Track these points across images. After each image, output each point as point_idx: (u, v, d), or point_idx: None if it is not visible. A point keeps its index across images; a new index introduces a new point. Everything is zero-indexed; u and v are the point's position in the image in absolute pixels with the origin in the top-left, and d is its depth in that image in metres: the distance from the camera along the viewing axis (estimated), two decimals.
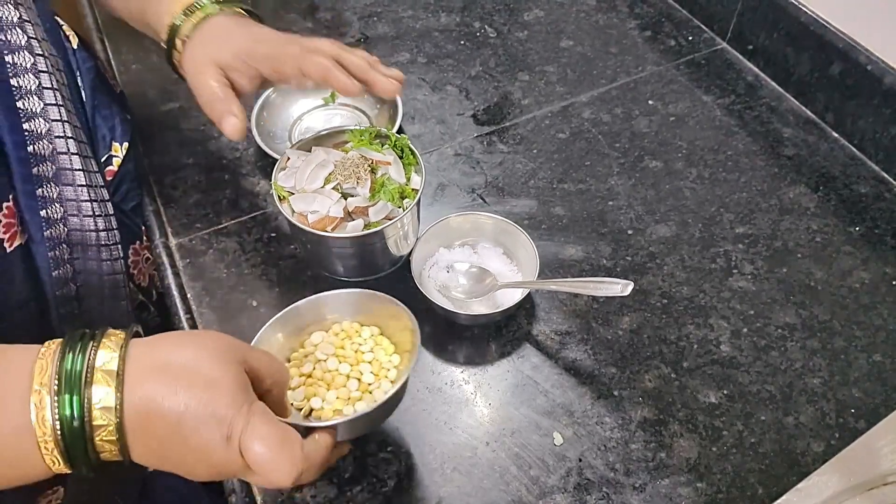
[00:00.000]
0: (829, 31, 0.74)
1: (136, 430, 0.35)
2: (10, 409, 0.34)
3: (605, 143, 0.77)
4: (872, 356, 0.60)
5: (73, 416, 0.33)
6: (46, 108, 0.51)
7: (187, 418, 0.35)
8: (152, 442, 0.36)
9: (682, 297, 0.64)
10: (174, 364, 0.36)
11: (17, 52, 0.48)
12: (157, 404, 0.35)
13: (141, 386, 0.35)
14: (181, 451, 0.36)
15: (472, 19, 0.93)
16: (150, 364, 0.36)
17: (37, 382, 0.34)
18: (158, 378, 0.35)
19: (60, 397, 0.33)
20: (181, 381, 0.35)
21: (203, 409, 0.35)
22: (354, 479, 0.53)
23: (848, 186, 0.72)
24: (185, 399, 0.35)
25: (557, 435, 0.55)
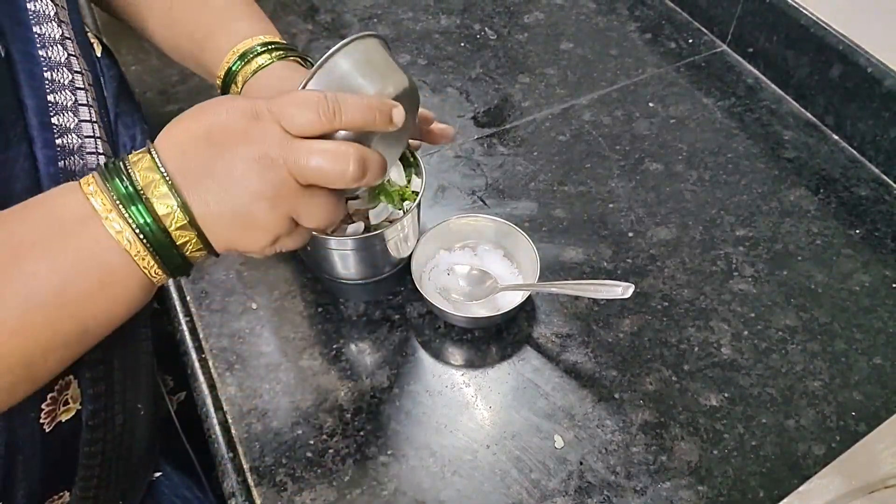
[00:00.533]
0: (830, 34, 0.74)
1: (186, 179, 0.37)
2: (91, 238, 0.36)
3: (605, 145, 0.77)
4: (873, 359, 0.60)
5: (146, 221, 0.36)
6: (80, 124, 0.51)
7: (209, 119, 0.37)
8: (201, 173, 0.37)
9: (683, 299, 0.64)
10: (188, 112, 0.39)
11: (56, 68, 0.49)
12: (184, 132, 0.38)
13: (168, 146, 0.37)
14: (226, 163, 0.37)
15: (473, 21, 0.93)
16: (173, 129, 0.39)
17: (102, 211, 0.36)
18: (179, 125, 0.38)
19: (129, 211, 0.36)
20: (193, 113, 0.38)
21: (219, 106, 0.38)
22: (354, 483, 0.53)
23: (848, 189, 0.72)
24: (200, 116, 0.38)
25: (558, 438, 0.55)
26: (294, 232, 0.40)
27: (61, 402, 0.49)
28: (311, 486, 0.53)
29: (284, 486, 0.53)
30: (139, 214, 0.36)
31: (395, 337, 0.61)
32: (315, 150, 0.38)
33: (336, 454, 0.54)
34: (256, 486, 0.53)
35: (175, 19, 0.61)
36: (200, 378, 0.59)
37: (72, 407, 0.50)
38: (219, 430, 0.56)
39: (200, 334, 0.61)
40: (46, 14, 0.48)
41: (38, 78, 0.48)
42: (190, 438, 0.69)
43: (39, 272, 0.36)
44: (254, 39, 0.58)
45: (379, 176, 0.40)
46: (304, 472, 0.53)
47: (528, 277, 0.61)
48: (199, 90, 0.83)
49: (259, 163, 0.37)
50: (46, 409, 0.48)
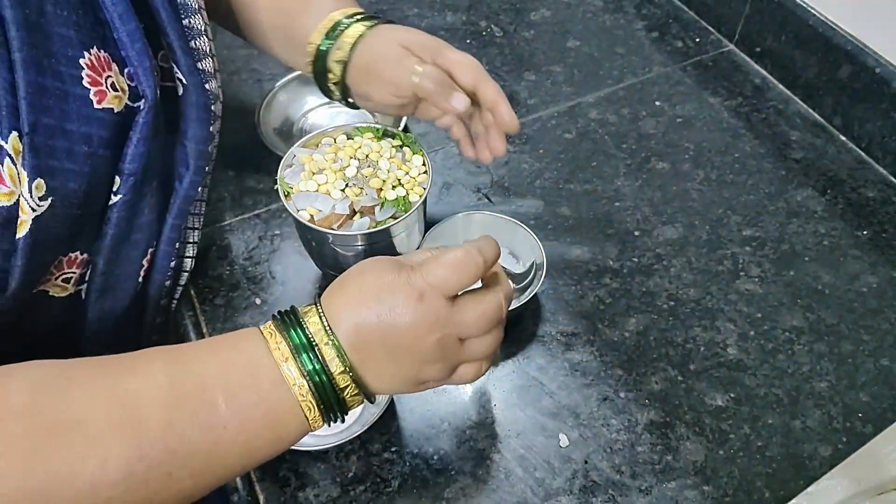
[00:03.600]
0: (838, 34, 0.74)
1: (360, 356, 0.39)
2: (266, 382, 0.38)
3: (611, 143, 0.77)
4: (880, 360, 0.59)
5: (316, 369, 0.38)
6: (214, 148, 0.55)
7: (382, 311, 0.39)
8: (376, 359, 0.40)
9: (689, 299, 0.63)
10: (352, 288, 0.41)
11: (216, 101, 0.53)
12: (356, 322, 0.39)
13: (341, 323, 0.39)
14: (401, 341, 0.39)
15: (479, 18, 0.93)
16: (340, 302, 0.40)
17: (278, 356, 0.38)
18: (349, 307, 0.40)
19: (300, 359, 0.38)
20: (360, 296, 0.40)
21: (383, 284, 0.40)
22: (358, 479, 0.53)
23: (855, 190, 0.72)
24: (369, 301, 0.39)
25: (563, 437, 0.55)
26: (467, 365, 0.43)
27: None
28: (314, 482, 0.52)
29: (287, 481, 0.52)
30: (308, 362, 0.38)
31: None
32: (481, 316, 0.41)
33: (340, 450, 0.54)
34: (259, 482, 0.53)
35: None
36: None
37: None
38: None
39: (204, 330, 0.61)
40: (204, 50, 0.52)
41: (207, 110, 0.52)
42: None
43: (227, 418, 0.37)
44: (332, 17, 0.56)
45: None
46: (307, 468, 0.53)
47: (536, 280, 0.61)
48: None
49: (434, 345, 0.40)
50: None
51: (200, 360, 0.38)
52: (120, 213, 0.48)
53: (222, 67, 0.84)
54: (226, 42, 0.87)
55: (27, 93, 0.39)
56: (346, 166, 0.58)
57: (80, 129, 0.42)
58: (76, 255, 0.48)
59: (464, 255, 0.40)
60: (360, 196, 0.56)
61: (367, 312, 0.39)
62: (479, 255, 0.40)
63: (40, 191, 0.41)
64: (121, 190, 0.47)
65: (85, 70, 0.42)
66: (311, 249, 0.61)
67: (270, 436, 0.38)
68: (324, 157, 0.58)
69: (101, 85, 0.43)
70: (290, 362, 0.38)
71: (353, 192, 0.56)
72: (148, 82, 0.46)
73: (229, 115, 0.78)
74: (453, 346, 0.40)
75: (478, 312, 0.40)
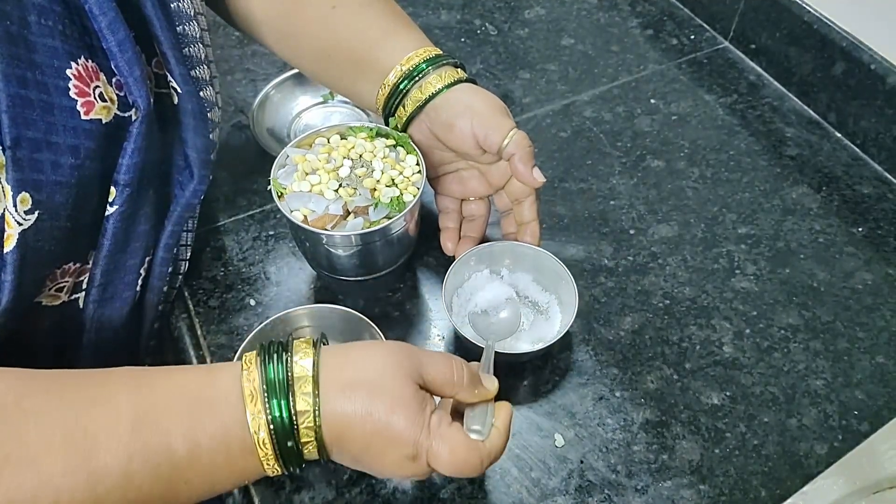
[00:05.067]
0: (833, 31, 0.74)
1: (333, 443, 0.39)
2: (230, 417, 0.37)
3: (606, 142, 0.77)
4: (875, 358, 0.59)
5: (283, 417, 0.37)
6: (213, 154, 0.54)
7: (374, 442, 0.39)
8: (346, 455, 0.40)
9: (685, 297, 0.63)
10: (360, 381, 0.39)
11: (213, 108, 0.53)
12: (347, 426, 0.38)
13: (333, 402, 0.38)
14: (373, 466, 0.40)
15: (473, 17, 0.92)
16: (341, 378, 0.39)
17: (248, 391, 0.37)
18: (347, 397, 0.38)
19: (270, 402, 0.37)
20: (367, 405, 0.38)
21: (388, 435, 0.38)
22: (353, 482, 0.52)
23: (851, 187, 0.72)
24: (372, 426, 0.38)
25: (559, 436, 0.55)
26: None
27: None
28: (309, 484, 0.52)
29: (282, 484, 0.52)
30: (276, 408, 0.37)
31: (395, 334, 0.60)
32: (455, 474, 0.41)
33: None
34: (254, 485, 0.52)
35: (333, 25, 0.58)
36: None
37: None
38: None
39: (198, 331, 0.61)
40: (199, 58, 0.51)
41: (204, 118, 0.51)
42: None
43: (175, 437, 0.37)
44: (416, 54, 0.56)
45: None
46: (302, 471, 0.53)
47: (565, 313, 0.59)
48: None
49: (406, 477, 0.42)
50: None
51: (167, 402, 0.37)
52: (116, 224, 0.47)
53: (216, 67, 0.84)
54: (219, 42, 0.87)
55: (9, 106, 0.38)
56: (339, 166, 0.57)
57: (67, 141, 0.42)
58: (71, 266, 0.47)
59: (475, 454, 0.40)
60: (353, 196, 0.56)
61: (360, 428, 0.38)
62: (484, 456, 0.41)
63: (25, 205, 0.40)
64: (116, 201, 0.46)
65: (72, 81, 0.42)
66: (305, 250, 0.61)
67: (233, 480, 0.39)
68: (317, 158, 0.58)
69: (88, 96, 0.43)
70: (259, 410, 0.37)
71: (346, 192, 0.56)
72: (140, 92, 0.45)
73: (223, 115, 0.78)
74: (423, 475, 0.42)
75: (452, 476, 0.42)
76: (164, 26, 0.47)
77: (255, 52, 0.86)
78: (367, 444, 0.39)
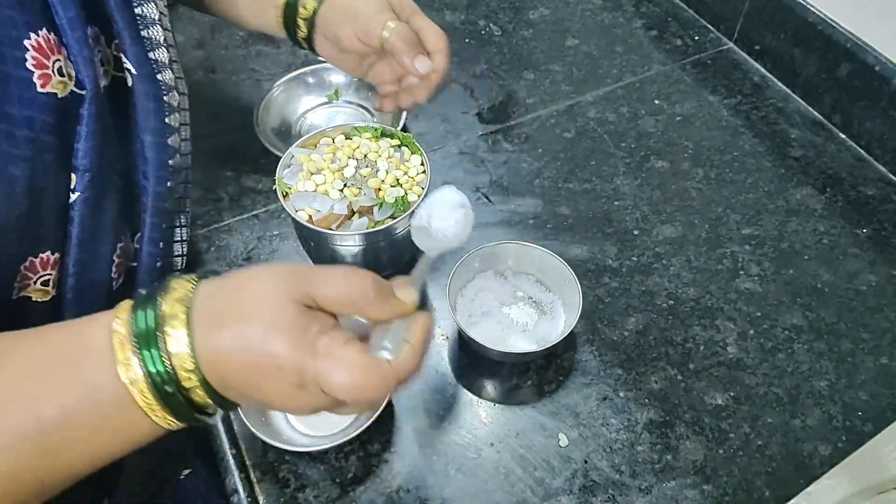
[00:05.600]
0: (837, 32, 0.74)
1: (219, 383, 0.36)
2: (96, 371, 0.34)
3: (610, 142, 0.77)
4: (879, 359, 0.59)
5: (155, 361, 0.34)
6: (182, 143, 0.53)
7: (255, 375, 0.35)
8: (234, 392, 0.36)
9: (689, 298, 0.63)
10: (233, 309, 0.36)
11: (170, 91, 0.51)
12: (224, 362, 0.35)
13: (206, 338, 0.35)
14: (264, 400, 0.36)
15: (477, 17, 0.92)
16: (213, 309, 0.36)
17: (116, 340, 0.34)
18: (219, 330, 0.35)
19: (141, 349, 0.34)
20: (240, 335, 0.35)
21: (267, 364, 0.35)
22: (358, 480, 0.52)
23: (855, 188, 0.72)
24: (247, 357, 0.35)
25: (563, 436, 0.55)
26: None
27: None
28: (313, 482, 0.52)
29: (287, 482, 0.52)
30: (150, 362, 0.34)
31: None
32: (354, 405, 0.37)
33: (339, 451, 0.54)
34: (259, 483, 0.53)
35: None
36: None
37: None
38: (221, 426, 0.55)
39: None
40: (158, 40, 0.50)
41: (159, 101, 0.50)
42: None
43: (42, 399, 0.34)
44: None
45: None
46: (307, 469, 0.53)
47: (569, 314, 0.59)
48: (201, 85, 0.82)
49: (300, 409, 0.36)
50: None
51: (32, 365, 0.35)
52: (82, 211, 0.46)
53: (220, 67, 0.84)
54: (223, 42, 0.87)
55: None
56: (344, 166, 0.58)
57: (22, 112, 0.41)
58: (48, 256, 0.47)
59: (375, 372, 0.35)
60: (358, 196, 0.56)
61: (237, 361, 0.35)
62: (389, 376, 0.36)
63: None
64: (78, 187, 0.45)
65: (30, 52, 0.41)
66: (310, 250, 0.61)
67: (123, 440, 0.36)
68: (322, 158, 0.58)
69: (46, 68, 0.42)
70: (129, 360, 0.34)
71: (351, 192, 0.56)
72: (87, 72, 0.44)
73: (228, 116, 0.79)
74: (323, 405, 0.37)
75: (353, 403, 0.36)
76: (119, 6, 0.46)
77: (260, 53, 0.86)
78: (248, 378, 0.35)
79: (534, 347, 0.57)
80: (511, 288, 0.62)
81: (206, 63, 0.62)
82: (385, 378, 0.36)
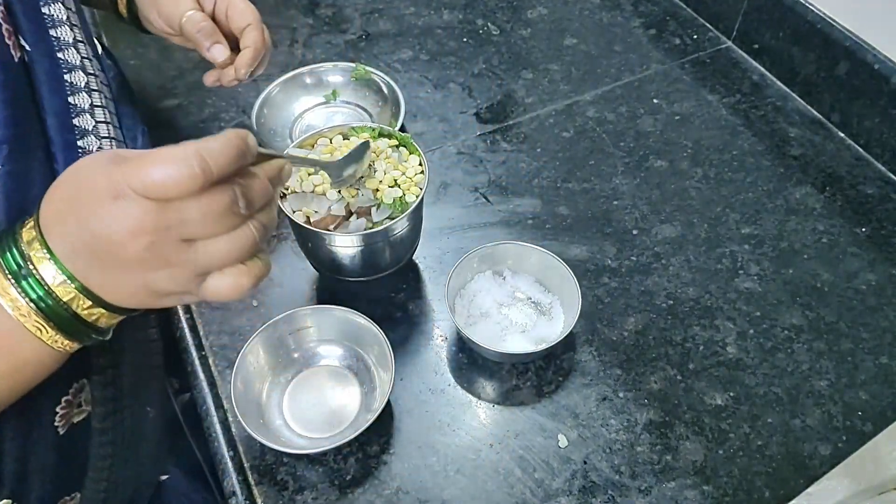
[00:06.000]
0: (836, 30, 0.73)
1: (77, 266, 0.36)
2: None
3: (609, 142, 0.77)
4: (879, 358, 0.59)
5: (38, 293, 0.36)
6: (97, 125, 0.51)
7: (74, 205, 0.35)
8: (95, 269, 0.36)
9: (688, 297, 0.63)
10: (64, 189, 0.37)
11: (73, 71, 0.50)
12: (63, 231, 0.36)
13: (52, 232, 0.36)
14: (94, 231, 0.35)
15: (475, 16, 0.92)
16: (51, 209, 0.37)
17: None
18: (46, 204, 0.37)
19: (20, 285, 0.36)
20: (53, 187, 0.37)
21: (79, 188, 0.35)
22: (356, 482, 0.52)
23: (854, 187, 0.72)
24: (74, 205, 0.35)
25: (562, 437, 0.54)
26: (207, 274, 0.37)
27: (76, 404, 0.49)
28: (312, 485, 0.52)
29: (285, 484, 0.52)
30: (31, 289, 0.36)
31: (397, 334, 0.60)
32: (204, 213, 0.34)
33: (338, 452, 0.54)
34: (257, 485, 0.52)
35: None
36: (201, 376, 0.58)
37: (85, 409, 0.50)
38: (219, 428, 0.55)
39: (201, 332, 0.61)
40: (60, 18, 0.49)
41: (59, 80, 0.48)
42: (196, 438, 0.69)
43: None
44: None
45: None
46: (306, 471, 0.53)
47: (568, 314, 0.58)
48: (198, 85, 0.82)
49: (146, 251, 0.34)
50: (61, 412, 0.48)
51: None
52: (8, 186, 0.44)
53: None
54: None
55: None
56: None
57: None
58: None
59: (180, 153, 0.33)
60: (356, 197, 0.56)
61: (73, 220, 0.35)
62: (195, 158, 0.33)
63: None
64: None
65: None
66: (308, 251, 0.61)
67: (6, 367, 0.37)
68: (320, 158, 0.58)
69: None
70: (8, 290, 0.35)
71: (349, 193, 0.56)
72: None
73: (225, 116, 0.78)
74: (174, 250, 0.35)
75: (200, 209, 0.34)
76: None
77: None
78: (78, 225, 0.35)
79: (533, 348, 0.57)
80: (510, 288, 0.62)
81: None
82: (197, 151, 0.33)
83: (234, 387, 0.52)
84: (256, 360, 0.55)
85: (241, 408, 0.52)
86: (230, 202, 0.35)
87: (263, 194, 0.37)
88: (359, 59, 0.85)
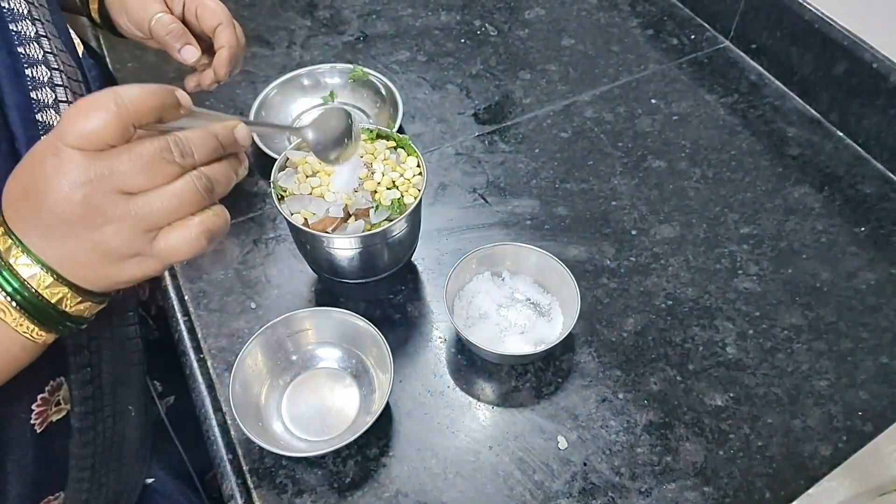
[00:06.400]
0: (834, 29, 0.73)
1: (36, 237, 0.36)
2: None
3: (607, 142, 0.76)
4: (879, 358, 0.59)
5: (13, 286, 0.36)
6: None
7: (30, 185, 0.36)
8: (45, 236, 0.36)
9: (687, 298, 0.63)
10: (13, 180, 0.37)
11: (35, 66, 0.49)
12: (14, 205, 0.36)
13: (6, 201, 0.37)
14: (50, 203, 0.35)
15: (473, 17, 0.92)
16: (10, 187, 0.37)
17: None
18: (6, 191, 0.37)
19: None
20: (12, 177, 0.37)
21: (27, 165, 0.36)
22: (356, 485, 0.52)
23: (853, 186, 0.72)
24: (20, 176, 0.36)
25: (562, 439, 0.54)
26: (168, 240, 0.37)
27: (53, 402, 0.49)
28: (311, 488, 0.52)
29: (284, 487, 0.52)
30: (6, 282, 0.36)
31: (396, 336, 0.60)
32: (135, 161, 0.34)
33: (337, 455, 0.53)
34: (256, 489, 0.52)
35: None
36: (199, 379, 0.58)
37: (63, 407, 0.50)
38: (218, 431, 0.55)
39: (199, 334, 0.61)
40: (20, 12, 0.49)
41: (20, 74, 0.47)
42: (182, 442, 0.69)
43: None
44: None
45: None
46: (305, 474, 0.53)
47: (567, 315, 0.58)
48: None
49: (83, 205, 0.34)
50: (38, 410, 0.47)
51: None
52: None
53: None
54: None
55: None
56: None
57: None
58: None
59: (100, 96, 0.34)
60: (354, 199, 0.56)
61: (24, 194, 0.35)
62: (112, 100, 0.33)
63: None
64: None
65: None
66: (306, 253, 0.61)
67: None
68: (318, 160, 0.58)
69: None
70: None
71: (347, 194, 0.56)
72: None
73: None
74: (111, 201, 0.34)
75: (130, 157, 0.34)
76: None
77: (255, 55, 0.86)
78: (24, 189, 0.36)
79: (532, 349, 0.56)
80: (508, 290, 0.61)
81: None
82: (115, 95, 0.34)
83: (233, 390, 0.52)
84: (255, 362, 0.55)
85: (240, 411, 0.52)
86: (159, 149, 0.34)
87: (203, 145, 0.37)
88: (356, 60, 0.85)
